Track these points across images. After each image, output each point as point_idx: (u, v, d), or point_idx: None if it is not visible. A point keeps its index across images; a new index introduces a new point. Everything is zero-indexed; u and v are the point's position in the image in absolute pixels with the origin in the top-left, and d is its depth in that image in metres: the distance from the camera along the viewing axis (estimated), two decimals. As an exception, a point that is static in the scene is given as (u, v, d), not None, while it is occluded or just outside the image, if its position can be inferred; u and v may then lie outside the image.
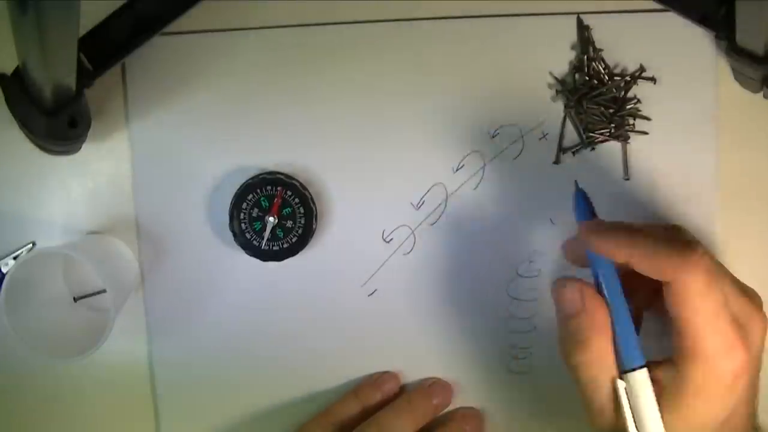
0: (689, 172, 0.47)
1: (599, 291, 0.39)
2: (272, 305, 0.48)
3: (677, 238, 0.39)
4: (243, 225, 0.45)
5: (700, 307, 0.36)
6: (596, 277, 0.40)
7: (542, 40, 0.47)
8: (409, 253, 0.48)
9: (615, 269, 0.39)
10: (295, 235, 0.46)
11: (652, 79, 0.47)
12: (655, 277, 0.38)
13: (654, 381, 0.38)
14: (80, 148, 0.45)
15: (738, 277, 0.39)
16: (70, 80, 0.39)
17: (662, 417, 0.38)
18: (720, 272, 0.38)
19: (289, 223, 0.45)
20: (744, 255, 0.48)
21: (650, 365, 0.38)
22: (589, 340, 0.39)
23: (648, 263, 0.38)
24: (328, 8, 0.47)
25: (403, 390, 0.49)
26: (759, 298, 0.39)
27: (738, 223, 0.48)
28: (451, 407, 0.49)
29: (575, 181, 0.42)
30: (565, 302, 0.40)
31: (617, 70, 0.47)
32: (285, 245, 0.46)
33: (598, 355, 0.39)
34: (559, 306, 0.40)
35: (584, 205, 0.41)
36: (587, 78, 0.47)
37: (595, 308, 0.39)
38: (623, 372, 0.38)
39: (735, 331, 0.37)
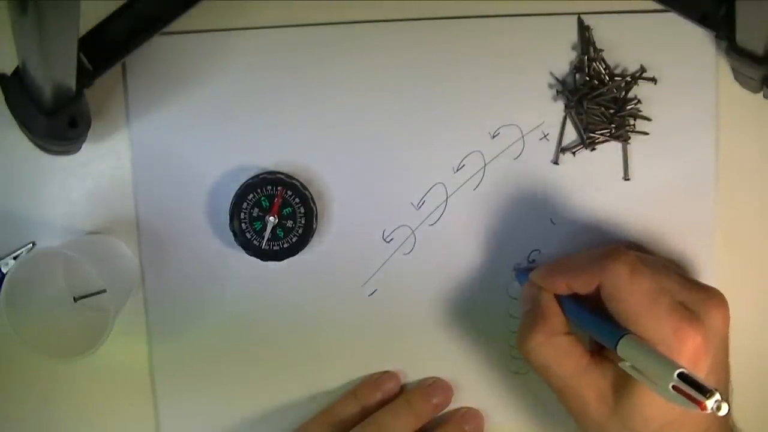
0: (689, 172, 0.47)
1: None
2: (272, 305, 0.48)
3: (600, 252, 0.40)
4: (243, 225, 0.45)
5: (630, 296, 0.38)
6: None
7: (542, 40, 0.47)
8: (409, 253, 0.48)
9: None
10: (295, 235, 0.46)
11: (653, 80, 0.47)
12: (591, 289, 0.40)
13: (615, 376, 0.39)
14: (80, 148, 0.45)
15: (738, 277, 0.39)
16: (70, 80, 0.39)
17: (619, 411, 0.39)
18: (650, 264, 0.40)
19: (290, 223, 0.45)
20: (744, 254, 0.48)
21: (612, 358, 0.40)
22: (538, 326, 0.41)
23: (579, 280, 0.40)
24: (328, 8, 0.47)
25: (403, 390, 0.49)
26: (717, 290, 0.40)
27: (738, 223, 0.48)
28: (451, 407, 0.49)
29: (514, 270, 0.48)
30: (523, 299, 0.44)
31: (618, 71, 0.47)
32: (285, 245, 0.46)
33: (547, 341, 0.40)
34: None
35: (523, 275, 0.45)
36: (588, 78, 0.47)
37: (544, 300, 0.42)
38: (615, 350, 0.38)
39: (680, 316, 0.38)
